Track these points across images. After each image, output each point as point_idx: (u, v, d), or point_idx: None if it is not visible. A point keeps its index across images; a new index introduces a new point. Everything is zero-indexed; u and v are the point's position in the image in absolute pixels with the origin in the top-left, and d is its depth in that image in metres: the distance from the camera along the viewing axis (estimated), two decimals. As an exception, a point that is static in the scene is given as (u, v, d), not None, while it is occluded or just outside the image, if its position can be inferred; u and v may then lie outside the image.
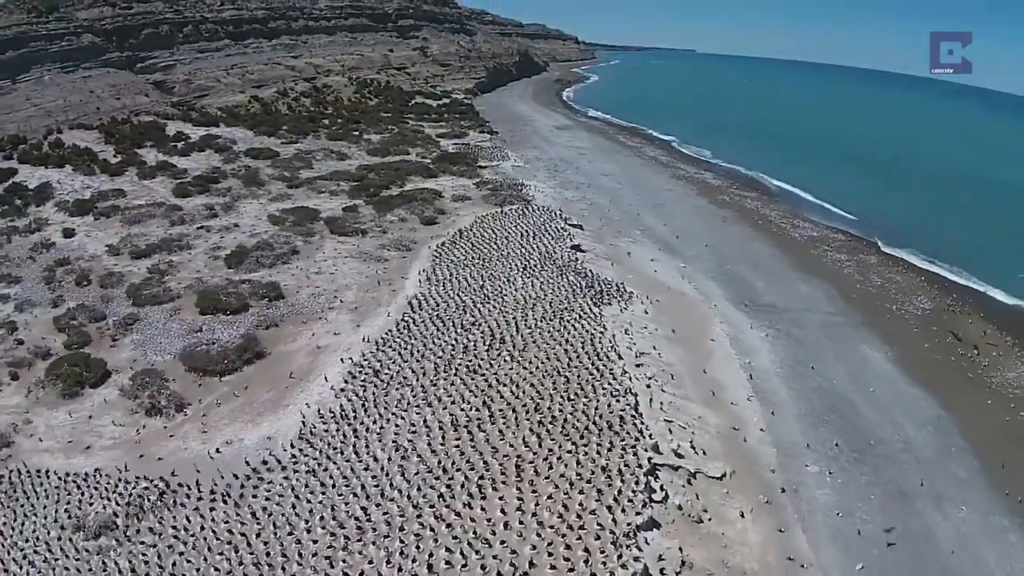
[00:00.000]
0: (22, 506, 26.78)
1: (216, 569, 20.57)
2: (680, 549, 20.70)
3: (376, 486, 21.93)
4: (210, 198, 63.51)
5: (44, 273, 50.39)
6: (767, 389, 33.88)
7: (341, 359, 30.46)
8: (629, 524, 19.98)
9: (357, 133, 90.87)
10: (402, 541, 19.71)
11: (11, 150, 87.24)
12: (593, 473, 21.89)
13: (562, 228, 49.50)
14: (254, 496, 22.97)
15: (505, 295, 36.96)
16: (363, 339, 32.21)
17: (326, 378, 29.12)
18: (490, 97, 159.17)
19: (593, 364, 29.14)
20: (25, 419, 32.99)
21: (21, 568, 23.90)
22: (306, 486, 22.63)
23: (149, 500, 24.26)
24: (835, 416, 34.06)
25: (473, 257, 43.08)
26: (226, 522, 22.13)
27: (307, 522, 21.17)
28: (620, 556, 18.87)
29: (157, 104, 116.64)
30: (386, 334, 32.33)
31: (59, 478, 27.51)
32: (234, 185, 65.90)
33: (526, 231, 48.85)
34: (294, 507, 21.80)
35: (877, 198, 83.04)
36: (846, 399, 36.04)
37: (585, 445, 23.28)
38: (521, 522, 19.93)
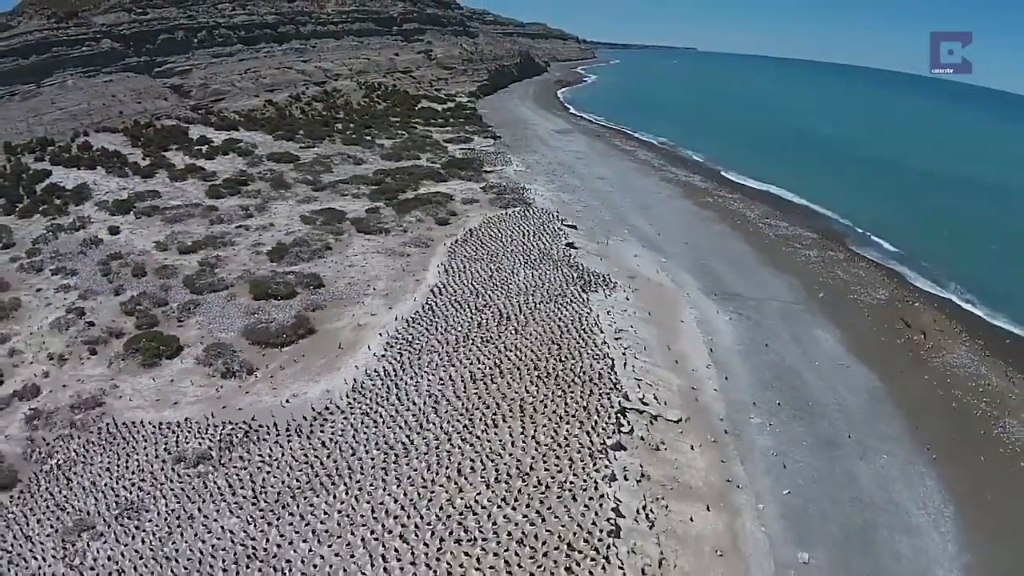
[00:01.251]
0: (123, 448, 34.14)
1: (296, 481, 28.32)
2: (640, 466, 28.45)
3: (416, 421, 29.76)
4: (242, 199, 71.05)
5: (99, 266, 57.32)
6: (724, 361, 41.59)
7: (379, 333, 38.32)
8: (602, 444, 27.77)
9: (370, 138, 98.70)
10: (437, 456, 27.53)
11: (41, 152, 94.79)
12: (576, 411, 29.72)
13: (558, 228, 57.42)
14: (321, 431, 30.73)
15: (510, 284, 44.86)
16: (396, 318, 40.07)
17: (369, 347, 36.95)
18: (492, 100, 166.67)
19: (580, 336, 37.02)
20: (111, 384, 40.12)
21: (131, 493, 31.50)
22: (361, 423, 30.42)
23: (236, 437, 31.92)
24: (781, 383, 41.57)
25: (482, 253, 50.99)
26: (301, 450, 29.88)
27: (364, 446, 28.96)
28: (595, 464, 26.67)
29: (176, 108, 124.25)
30: (414, 314, 40.22)
31: (153, 427, 34.86)
32: (263, 188, 73.52)
33: (527, 231, 56.69)
34: (354, 436, 29.59)
35: (856, 199, 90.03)
36: (793, 371, 43.58)
37: (571, 392, 31.12)
38: (523, 442, 27.75)
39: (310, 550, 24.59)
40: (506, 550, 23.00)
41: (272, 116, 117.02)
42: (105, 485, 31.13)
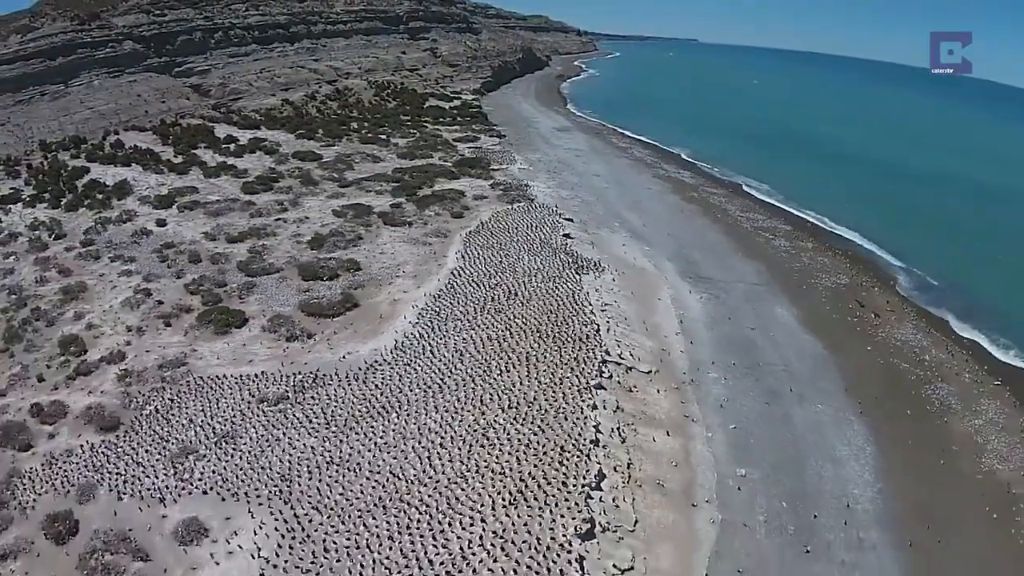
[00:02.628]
0: (212, 395, 43.29)
1: (358, 411, 38.21)
2: (616, 401, 38.36)
3: (446, 368, 39.71)
4: (276, 195, 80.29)
5: (155, 254, 65.47)
6: (692, 330, 51.35)
7: (412, 306, 48.25)
8: (587, 384, 37.69)
9: (384, 137, 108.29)
10: (464, 392, 37.48)
11: (76, 150, 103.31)
12: (568, 361, 39.65)
13: (557, 221, 67.30)
14: (374, 377, 40.62)
15: (516, 267, 54.78)
16: (424, 294, 49.98)
17: (404, 317, 46.87)
18: (496, 97, 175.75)
19: (572, 308, 46.98)
20: (190, 349, 49.26)
21: (225, 426, 41.22)
22: (404, 371, 40.35)
23: (307, 383, 41.73)
24: (738, 348, 51.05)
25: (492, 242, 60.85)
26: (360, 390, 39.78)
27: (408, 387, 38.87)
28: (582, 398, 36.61)
29: (198, 107, 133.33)
30: (439, 291, 50.14)
31: (235, 378, 44.49)
32: (293, 185, 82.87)
33: (530, 223, 66.50)
34: (399, 380, 39.51)
35: (832, 194, 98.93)
36: (750, 339, 53.08)
37: (565, 348, 41.06)
38: (528, 382, 37.67)
39: (374, 456, 34.49)
40: (516, 451, 32.97)
41: (290, 115, 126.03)
42: (201, 422, 40.35)
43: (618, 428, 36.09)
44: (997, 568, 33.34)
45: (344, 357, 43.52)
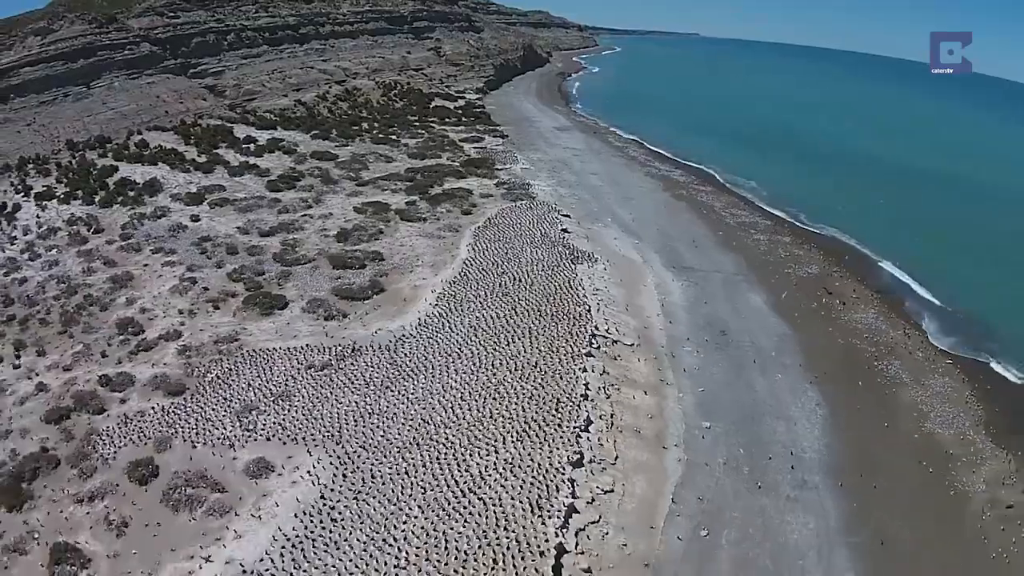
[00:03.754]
0: (265, 363, 50.68)
1: (391, 375, 47.22)
2: (603, 366, 47.41)
3: (463, 340, 48.80)
4: (299, 193, 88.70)
5: (193, 246, 72.82)
6: (672, 312, 60.25)
7: (431, 291, 57.25)
8: (579, 352, 46.80)
9: (395, 137, 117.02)
10: (478, 358, 46.56)
11: (103, 149, 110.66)
12: (563, 334, 48.78)
13: (555, 217, 76.25)
14: (402, 348, 49.61)
15: (520, 258, 63.80)
16: (441, 281, 58.97)
17: (425, 300, 55.85)
18: (498, 96, 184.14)
19: (568, 292, 56.07)
20: (241, 327, 57.49)
21: (279, 388, 49.32)
22: (428, 343, 49.37)
23: (346, 353, 50.69)
24: (711, 327, 59.74)
25: (499, 236, 69.81)
26: (392, 358, 48.71)
27: (432, 355, 47.91)
28: (575, 363, 45.75)
29: (215, 108, 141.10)
30: (454, 279, 59.15)
31: (283, 350, 53.32)
32: (314, 183, 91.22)
33: (531, 219, 75.43)
34: (424, 349, 48.55)
35: (815, 191, 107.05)
36: (723, 320, 61.80)
37: (561, 324, 50.20)
38: (531, 350, 46.82)
39: (407, 408, 43.49)
40: (521, 402, 42.07)
41: (303, 116, 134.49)
42: (259, 385, 48.78)
43: (604, 387, 45.16)
44: (925, 508, 39.83)
45: (376, 332, 52.52)
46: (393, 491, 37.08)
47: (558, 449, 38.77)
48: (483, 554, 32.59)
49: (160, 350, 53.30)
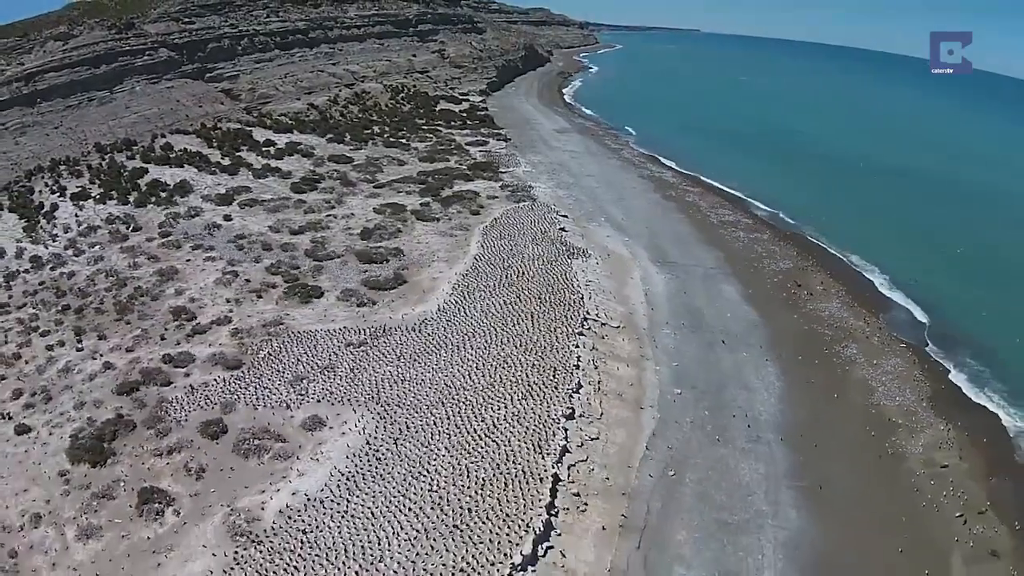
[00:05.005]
0: (310, 342, 61.20)
1: (417, 350, 58.24)
2: (593, 344, 58.47)
3: (476, 322, 59.84)
4: (321, 194, 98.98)
5: (230, 243, 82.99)
6: (654, 301, 71.11)
7: (447, 282, 68.21)
8: (572, 332, 57.95)
9: (405, 141, 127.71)
10: (489, 337, 57.66)
11: (130, 152, 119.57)
12: (560, 317, 59.94)
13: (554, 217, 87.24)
14: (425, 329, 60.62)
15: (523, 254, 74.83)
16: (455, 274, 69.90)
17: (442, 290, 66.86)
18: (501, 97, 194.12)
19: (564, 283, 67.20)
20: (284, 313, 67.63)
21: (324, 361, 60.46)
22: (447, 325, 60.45)
23: (378, 333, 61.76)
24: (688, 314, 70.26)
25: (504, 234, 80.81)
26: (417, 337, 59.78)
27: (451, 334, 58.98)
28: (569, 340, 56.89)
29: (233, 111, 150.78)
30: (466, 272, 70.11)
31: (325, 332, 63.90)
32: (335, 185, 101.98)
33: (533, 219, 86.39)
34: (444, 330, 59.61)
35: (798, 194, 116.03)
36: (699, 308, 72.27)
37: (557, 310, 61.39)
38: (532, 331, 57.92)
39: (432, 376, 54.45)
40: (525, 370, 53.15)
41: (317, 119, 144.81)
42: (307, 360, 59.08)
43: (593, 360, 56.25)
44: (864, 463, 47.04)
45: (403, 316, 63.51)
46: (424, 437, 47.89)
47: (555, 405, 49.80)
48: (497, 481, 43.58)
49: (214, 333, 61.10)
